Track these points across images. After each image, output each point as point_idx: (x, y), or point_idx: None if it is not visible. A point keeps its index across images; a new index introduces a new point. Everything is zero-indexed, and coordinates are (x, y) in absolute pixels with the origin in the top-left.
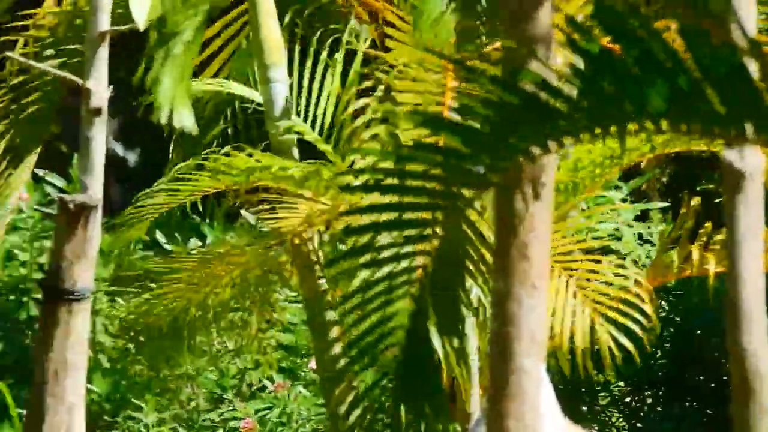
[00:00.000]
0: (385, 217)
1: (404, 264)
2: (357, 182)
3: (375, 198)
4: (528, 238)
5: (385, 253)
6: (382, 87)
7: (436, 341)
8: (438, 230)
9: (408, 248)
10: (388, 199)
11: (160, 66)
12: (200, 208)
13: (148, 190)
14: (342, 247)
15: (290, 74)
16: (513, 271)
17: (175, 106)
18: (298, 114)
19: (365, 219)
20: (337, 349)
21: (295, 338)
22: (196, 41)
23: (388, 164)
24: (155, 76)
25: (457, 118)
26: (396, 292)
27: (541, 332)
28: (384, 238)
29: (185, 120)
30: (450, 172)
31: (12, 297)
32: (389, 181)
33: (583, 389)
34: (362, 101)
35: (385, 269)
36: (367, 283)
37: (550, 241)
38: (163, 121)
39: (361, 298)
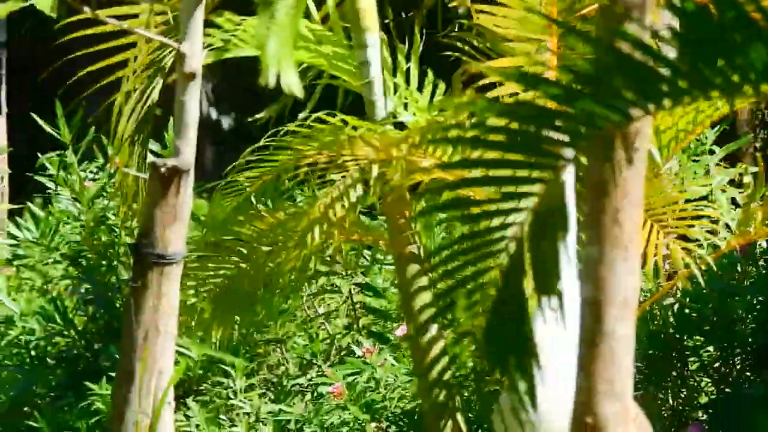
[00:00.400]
0: (481, 173)
1: (500, 220)
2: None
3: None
4: (620, 203)
5: (481, 209)
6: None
7: (531, 299)
8: (537, 189)
9: (505, 205)
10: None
11: (266, 28)
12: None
13: (240, 161)
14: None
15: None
16: (605, 236)
17: (282, 68)
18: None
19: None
20: (427, 314)
21: (386, 303)
22: (302, 2)
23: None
24: (261, 39)
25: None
26: (490, 248)
27: (633, 297)
28: (480, 194)
29: (292, 83)
30: (548, 130)
31: (103, 261)
32: (489, 137)
33: (674, 354)
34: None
35: (481, 225)
36: (461, 237)
37: (642, 206)
38: (271, 83)
39: (454, 250)
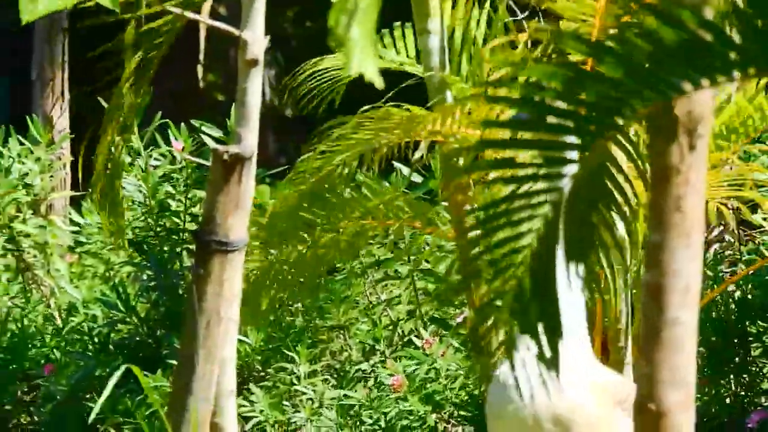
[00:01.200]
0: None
1: (542, 185)
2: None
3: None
4: (683, 190)
5: (525, 171)
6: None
7: (562, 267)
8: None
9: (549, 170)
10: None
11: (350, 18)
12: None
13: (306, 156)
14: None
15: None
16: (667, 223)
17: (363, 59)
18: (451, 61)
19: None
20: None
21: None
22: None
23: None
24: (345, 28)
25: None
26: (529, 212)
27: (697, 283)
28: (524, 157)
29: (372, 74)
30: (602, 98)
31: (166, 247)
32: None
33: (736, 340)
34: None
35: (523, 187)
36: (503, 197)
37: (704, 193)
38: (353, 73)
39: (495, 211)
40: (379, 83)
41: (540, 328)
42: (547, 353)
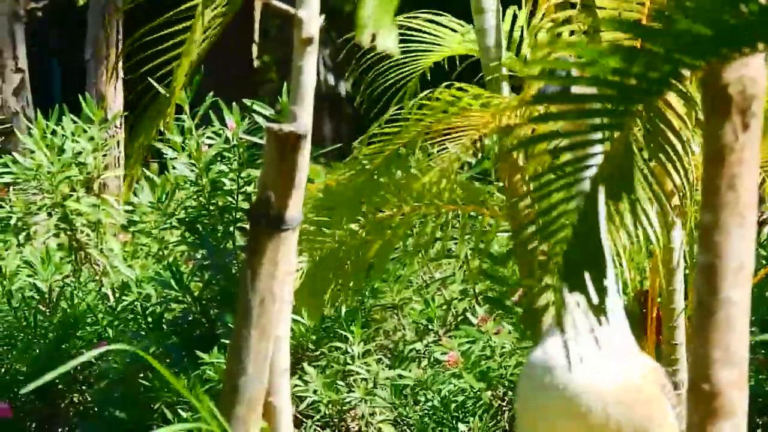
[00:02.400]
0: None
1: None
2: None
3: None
4: (737, 169)
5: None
6: None
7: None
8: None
9: (593, 136)
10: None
11: None
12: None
13: (362, 138)
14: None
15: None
16: (720, 202)
17: (379, 27)
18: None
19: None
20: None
21: (501, 268)
22: None
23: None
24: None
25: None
26: (576, 176)
27: (750, 263)
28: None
29: (388, 42)
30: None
31: (219, 226)
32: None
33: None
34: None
35: (568, 155)
36: (554, 166)
37: (758, 173)
38: (365, 43)
39: (547, 179)
40: (396, 53)
41: (587, 278)
42: (594, 300)
